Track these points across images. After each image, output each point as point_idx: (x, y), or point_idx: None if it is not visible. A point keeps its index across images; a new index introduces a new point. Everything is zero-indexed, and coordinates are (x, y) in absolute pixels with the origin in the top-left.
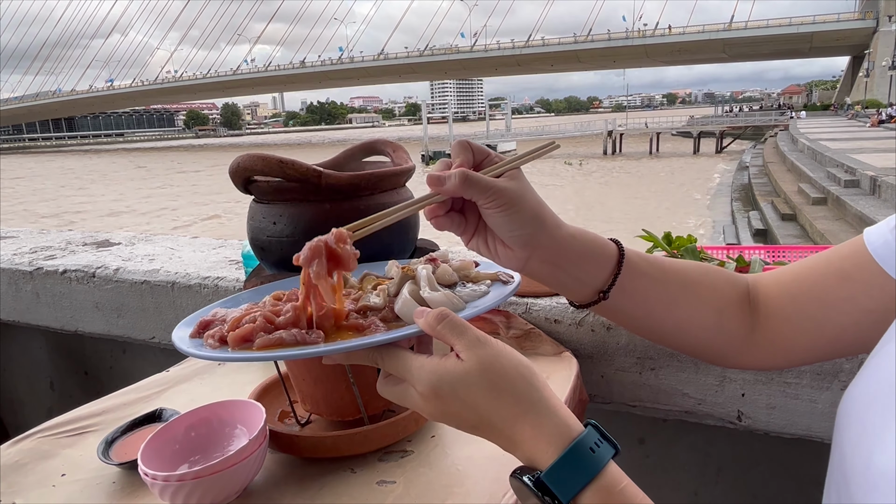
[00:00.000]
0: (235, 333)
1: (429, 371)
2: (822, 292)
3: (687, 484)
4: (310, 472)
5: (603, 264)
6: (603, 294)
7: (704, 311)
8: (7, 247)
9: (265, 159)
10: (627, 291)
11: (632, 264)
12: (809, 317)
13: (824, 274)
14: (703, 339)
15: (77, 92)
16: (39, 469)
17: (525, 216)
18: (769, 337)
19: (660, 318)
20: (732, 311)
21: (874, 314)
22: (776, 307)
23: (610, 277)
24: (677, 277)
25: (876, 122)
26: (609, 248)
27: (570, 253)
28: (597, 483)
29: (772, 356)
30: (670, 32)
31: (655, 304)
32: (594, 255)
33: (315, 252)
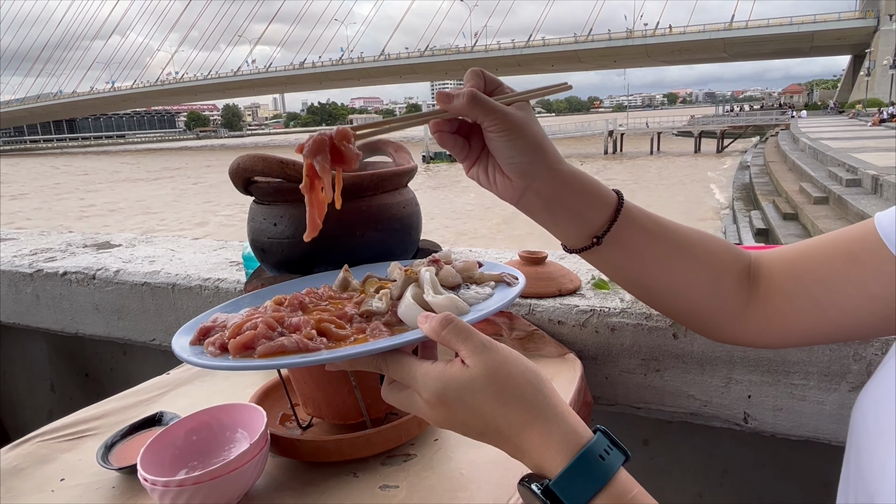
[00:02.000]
0: (236, 341)
1: (434, 378)
2: (828, 273)
3: (692, 486)
4: (311, 477)
5: (600, 208)
6: (597, 239)
7: (700, 275)
8: (7, 249)
9: (265, 160)
10: (622, 241)
11: (630, 214)
12: (812, 297)
13: (831, 255)
14: (695, 304)
15: (78, 94)
16: (38, 474)
17: (526, 143)
18: (767, 314)
19: (653, 275)
20: (730, 281)
21: (879, 300)
22: (778, 284)
23: (606, 223)
24: (676, 237)
25: (877, 121)
26: (609, 195)
27: (567, 190)
28: (607, 491)
29: (767, 333)
30: (671, 32)
31: (650, 259)
32: (592, 197)
33: (319, 145)
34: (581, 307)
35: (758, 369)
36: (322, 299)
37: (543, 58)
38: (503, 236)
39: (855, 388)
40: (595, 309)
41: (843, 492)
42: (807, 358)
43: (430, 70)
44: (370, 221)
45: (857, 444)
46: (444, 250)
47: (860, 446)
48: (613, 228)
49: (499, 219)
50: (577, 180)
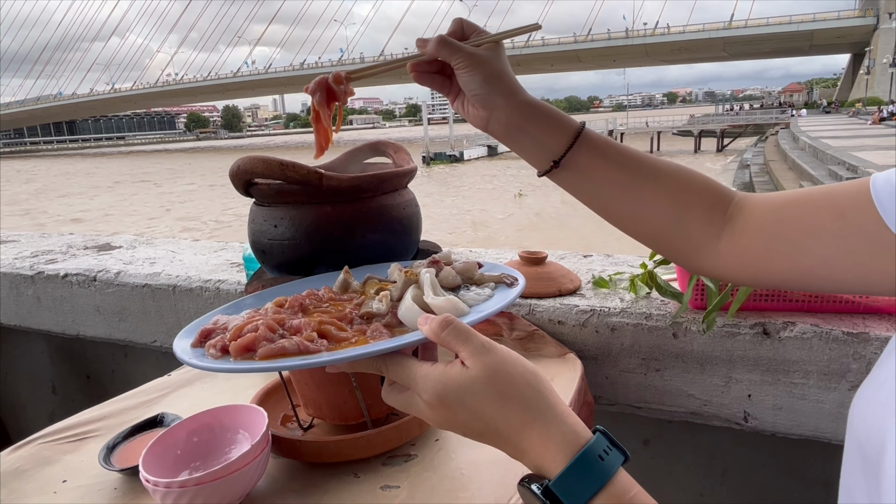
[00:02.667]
0: (237, 343)
1: (434, 379)
2: (813, 223)
3: (692, 485)
4: (313, 478)
5: (560, 135)
6: (554, 163)
7: (664, 204)
8: (8, 251)
9: (266, 161)
10: (580, 166)
11: (591, 142)
12: (790, 241)
13: (820, 206)
14: (659, 230)
15: (78, 95)
16: (40, 475)
17: (484, 77)
18: (739, 250)
19: (613, 200)
20: (699, 212)
21: (855, 256)
22: (758, 224)
23: (565, 149)
24: (641, 166)
25: (877, 120)
26: (571, 124)
27: (527, 118)
28: (606, 491)
29: (736, 268)
30: (669, 31)
31: (611, 185)
32: (552, 125)
33: (319, 85)
34: (581, 307)
35: (757, 368)
36: (322, 301)
37: (543, 57)
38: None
39: (854, 386)
40: (595, 309)
41: (845, 491)
42: (806, 357)
43: None
44: (370, 223)
45: (856, 443)
46: (444, 251)
47: (860, 445)
48: (571, 154)
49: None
50: (537, 109)
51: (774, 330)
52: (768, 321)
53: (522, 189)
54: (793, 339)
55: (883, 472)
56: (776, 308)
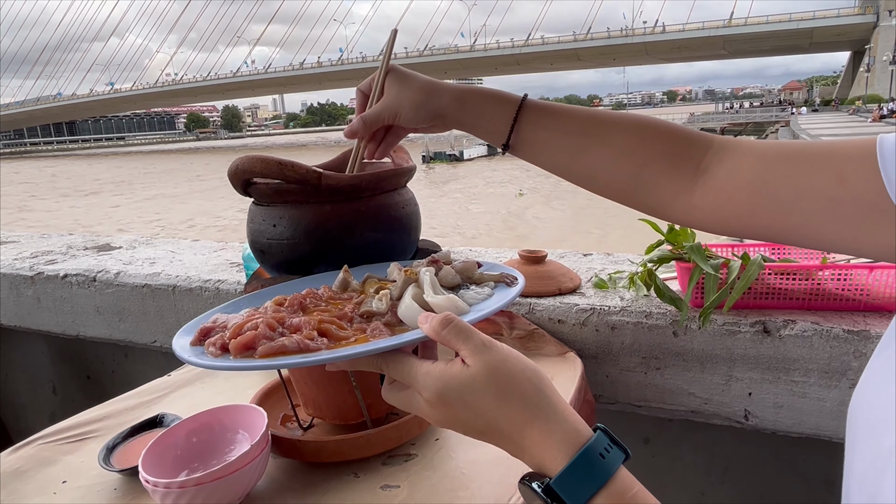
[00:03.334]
0: (237, 341)
1: (435, 377)
2: (808, 184)
3: (693, 484)
4: (313, 477)
5: (504, 116)
6: (503, 146)
7: (619, 164)
8: (8, 252)
9: (264, 161)
10: (528, 142)
11: (532, 117)
12: (778, 200)
13: (817, 169)
14: (620, 189)
15: (78, 96)
16: (40, 476)
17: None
18: (718, 204)
19: (565, 167)
20: (660, 168)
21: (848, 221)
22: (743, 179)
23: (508, 130)
24: (588, 130)
25: (877, 118)
26: (511, 101)
27: (469, 108)
28: (608, 489)
29: (714, 221)
30: (665, 30)
31: (558, 153)
32: (494, 108)
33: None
34: (581, 306)
35: (758, 367)
36: (322, 300)
37: (542, 56)
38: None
39: (855, 384)
40: (595, 307)
41: (847, 489)
42: (807, 355)
43: (429, 69)
44: (369, 222)
45: (853, 438)
46: (444, 250)
47: (855, 440)
48: (514, 134)
49: None
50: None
51: (775, 328)
52: (768, 319)
53: (522, 189)
54: (793, 338)
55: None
56: (776, 306)
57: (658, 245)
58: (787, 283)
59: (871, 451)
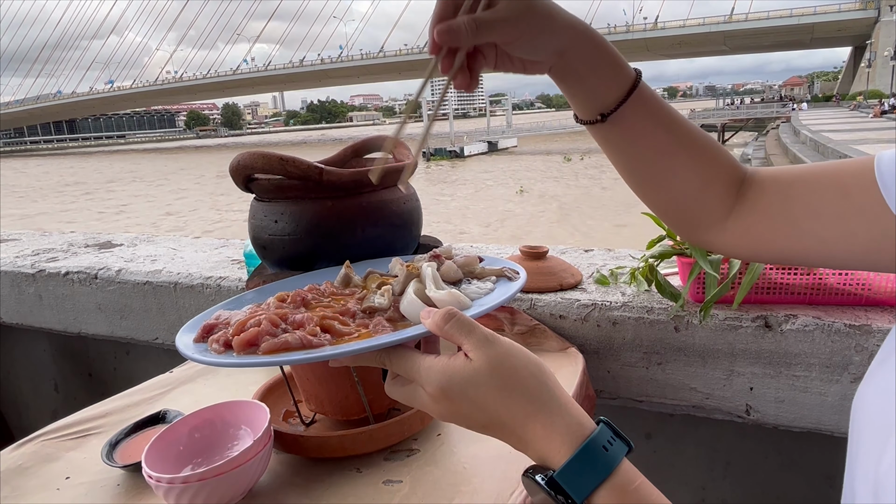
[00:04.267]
0: (241, 338)
1: (437, 371)
2: (818, 205)
3: (695, 479)
4: (315, 473)
5: (613, 87)
6: (602, 116)
7: (693, 175)
8: (9, 249)
9: (265, 157)
10: (627, 123)
11: (642, 99)
12: (794, 222)
13: (825, 186)
14: (678, 201)
15: (77, 94)
16: (43, 472)
17: (546, 32)
18: (744, 228)
19: (648, 164)
20: (719, 188)
21: (856, 238)
22: (765, 203)
23: (615, 103)
24: (682, 132)
25: (878, 113)
26: (626, 75)
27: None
28: (611, 482)
29: (738, 245)
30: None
31: (650, 147)
32: (607, 75)
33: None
34: (582, 301)
35: (759, 361)
36: (324, 296)
37: None
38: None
39: (857, 379)
40: (596, 303)
41: (849, 483)
42: (808, 350)
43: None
44: (370, 217)
45: (857, 435)
46: (445, 246)
47: (860, 436)
48: (621, 109)
49: None
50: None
51: (776, 323)
52: (770, 314)
53: (523, 185)
54: (795, 332)
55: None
56: (778, 301)
57: (659, 240)
58: (788, 277)
59: (877, 447)
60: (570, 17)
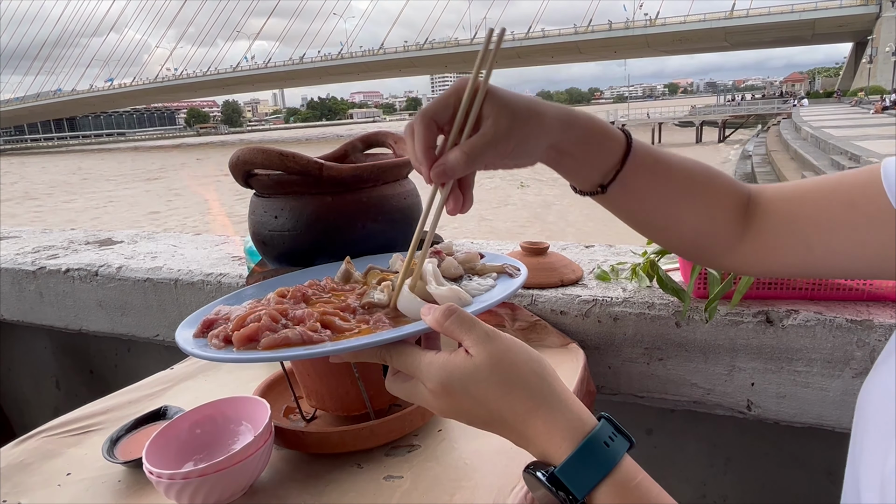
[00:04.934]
0: (240, 333)
1: (438, 367)
2: (825, 217)
3: (695, 474)
4: (316, 468)
5: (607, 157)
6: (601, 188)
7: (700, 214)
8: (10, 247)
9: (265, 152)
10: (628, 186)
11: (637, 160)
12: (804, 238)
13: (830, 198)
14: (691, 239)
15: (77, 92)
16: (44, 468)
17: (532, 139)
18: (757, 246)
19: (653, 213)
20: (727, 216)
21: (868, 247)
22: (773, 221)
23: (612, 172)
24: (680, 176)
25: (879, 109)
26: (616, 143)
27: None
28: (612, 478)
29: (755, 263)
30: (667, 22)
31: (653, 200)
32: (598, 149)
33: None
34: (583, 297)
35: (761, 357)
36: (325, 291)
37: (543, 49)
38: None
39: (858, 374)
40: (597, 299)
41: (852, 480)
42: (810, 345)
43: (429, 63)
44: (371, 213)
45: (861, 432)
46: (446, 242)
47: (865, 434)
48: (619, 177)
49: None
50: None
51: (777, 318)
52: (771, 309)
53: (524, 181)
54: (796, 327)
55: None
56: (779, 296)
57: None
58: None
59: (882, 447)
60: (553, 109)
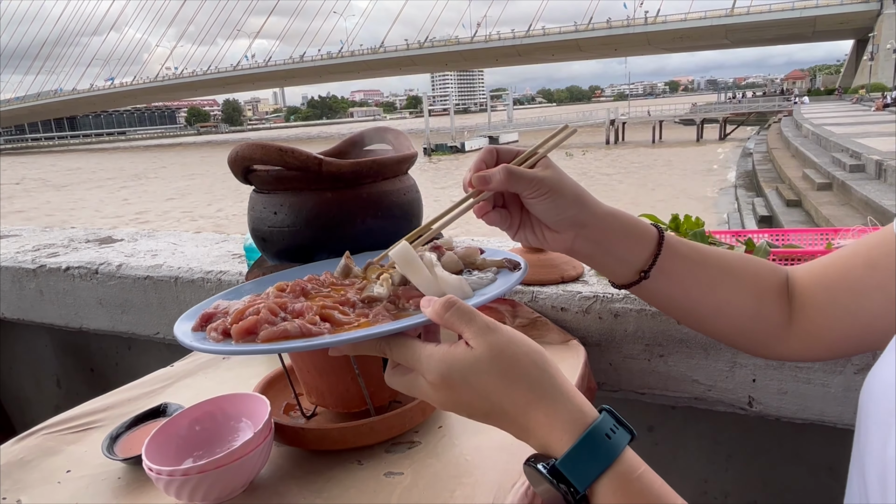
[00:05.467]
0: (239, 326)
1: (438, 359)
2: (852, 281)
3: (697, 471)
4: (316, 465)
5: (644, 244)
6: (644, 273)
7: (744, 296)
8: (10, 245)
9: (264, 147)
10: (667, 272)
11: (672, 246)
12: (842, 306)
13: (852, 263)
14: (740, 325)
15: (78, 91)
16: (44, 466)
17: (568, 199)
18: (806, 327)
19: (698, 300)
20: (772, 298)
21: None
22: (810, 297)
23: (651, 257)
24: (718, 262)
25: (881, 106)
26: (649, 230)
27: (612, 231)
28: (613, 470)
29: (811, 346)
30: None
31: (694, 285)
32: (635, 234)
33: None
34: (584, 293)
35: None
36: (324, 286)
37: (544, 47)
38: None
39: (860, 370)
40: (598, 295)
41: (857, 473)
42: None
43: (430, 61)
44: (371, 209)
45: (865, 426)
46: (446, 237)
47: (865, 432)
48: (658, 262)
49: None
50: (618, 221)
51: None
52: None
53: None
54: None
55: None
56: None
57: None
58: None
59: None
60: (593, 200)
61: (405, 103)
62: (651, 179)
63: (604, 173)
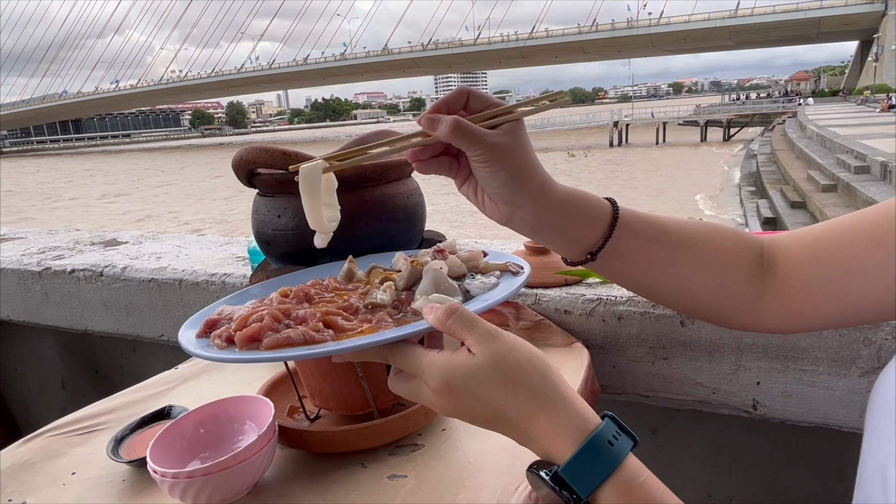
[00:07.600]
0: (243, 333)
1: (440, 366)
2: (849, 258)
3: (701, 474)
4: (320, 468)
5: (593, 225)
6: (591, 255)
7: (707, 273)
8: (15, 248)
9: (268, 151)
10: (620, 252)
11: (626, 225)
12: (831, 281)
13: (852, 238)
14: (704, 300)
15: (83, 94)
16: (49, 468)
17: (508, 175)
18: (784, 300)
19: (656, 278)
20: (740, 272)
21: None
22: (795, 270)
23: (601, 239)
24: (679, 237)
25: (885, 107)
26: (602, 211)
27: (556, 215)
28: (616, 476)
29: (785, 319)
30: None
31: (651, 265)
32: (585, 215)
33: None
34: (587, 296)
35: (766, 356)
36: (327, 290)
37: (547, 49)
38: None
39: (865, 373)
40: (601, 298)
41: (862, 476)
42: (816, 343)
43: (433, 64)
44: (373, 212)
45: (871, 428)
46: (449, 240)
47: (874, 429)
48: (609, 242)
49: None
50: (565, 206)
51: None
52: None
53: None
54: None
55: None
56: None
57: None
58: None
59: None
60: (544, 183)
61: (408, 105)
62: (654, 181)
63: (605, 178)
